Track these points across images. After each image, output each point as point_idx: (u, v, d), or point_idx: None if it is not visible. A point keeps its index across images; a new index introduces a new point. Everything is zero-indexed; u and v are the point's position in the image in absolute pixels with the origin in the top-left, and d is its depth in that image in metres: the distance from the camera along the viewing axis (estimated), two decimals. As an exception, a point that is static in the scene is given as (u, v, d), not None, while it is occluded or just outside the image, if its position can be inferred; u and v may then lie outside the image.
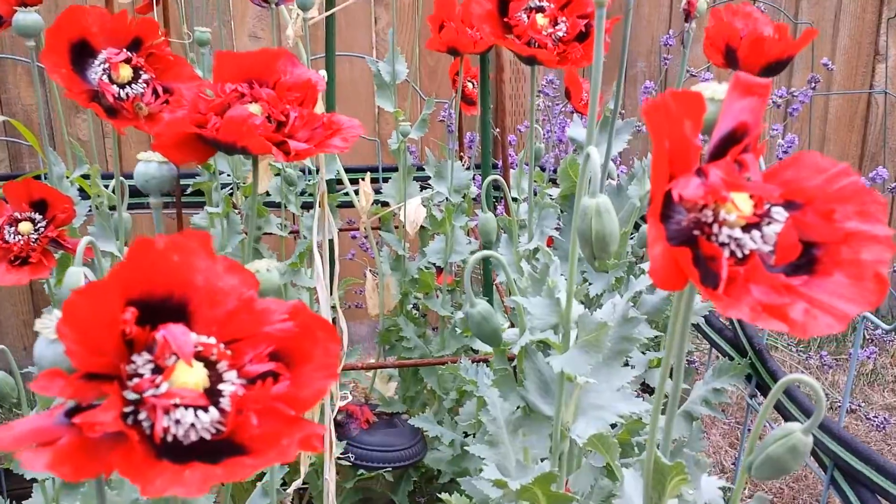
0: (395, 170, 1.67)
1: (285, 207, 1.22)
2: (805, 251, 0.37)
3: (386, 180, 1.77)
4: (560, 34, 0.72)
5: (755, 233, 0.35)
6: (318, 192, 0.72)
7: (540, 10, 0.73)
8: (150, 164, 0.58)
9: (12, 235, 0.83)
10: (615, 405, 0.57)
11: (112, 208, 0.96)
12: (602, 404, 0.57)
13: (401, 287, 1.29)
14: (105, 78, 0.75)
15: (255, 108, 0.59)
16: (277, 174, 1.25)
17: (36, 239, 0.83)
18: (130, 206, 1.24)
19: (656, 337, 0.85)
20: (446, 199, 1.18)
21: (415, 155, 1.63)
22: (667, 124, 0.35)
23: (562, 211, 0.84)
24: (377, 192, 1.30)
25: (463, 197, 1.20)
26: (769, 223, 0.36)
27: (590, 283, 0.78)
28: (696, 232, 0.36)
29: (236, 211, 1.16)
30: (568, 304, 0.53)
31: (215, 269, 0.38)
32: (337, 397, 0.86)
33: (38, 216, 0.84)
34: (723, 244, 0.35)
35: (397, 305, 1.30)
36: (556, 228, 0.84)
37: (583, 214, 0.47)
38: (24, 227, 0.84)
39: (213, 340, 0.36)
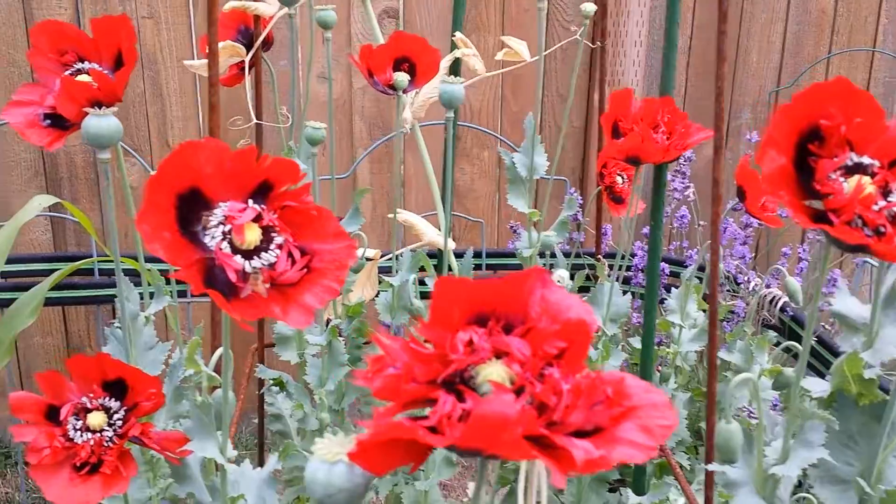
0: (500, 255, 1.45)
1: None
2: None
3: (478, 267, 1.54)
4: (895, 210, 0.49)
5: None
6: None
7: (860, 169, 0.50)
8: (335, 469, 0.35)
9: (79, 432, 0.61)
10: None
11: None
12: None
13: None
14: (225, 245, 0.52)
15: (497, 372, 0.36)
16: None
17: (111, 437, 0.61)
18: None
19: None
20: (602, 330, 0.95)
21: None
22: None
23: (831, 415, 0.60)
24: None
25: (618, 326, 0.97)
26: None
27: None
28: None
29: (340, 338, 0.93)
30: None
31: None
32: None
33: (113, 403, 0.62)
34: None
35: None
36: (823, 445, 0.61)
37: None
38: (96, 419, 0.61)
39: None
